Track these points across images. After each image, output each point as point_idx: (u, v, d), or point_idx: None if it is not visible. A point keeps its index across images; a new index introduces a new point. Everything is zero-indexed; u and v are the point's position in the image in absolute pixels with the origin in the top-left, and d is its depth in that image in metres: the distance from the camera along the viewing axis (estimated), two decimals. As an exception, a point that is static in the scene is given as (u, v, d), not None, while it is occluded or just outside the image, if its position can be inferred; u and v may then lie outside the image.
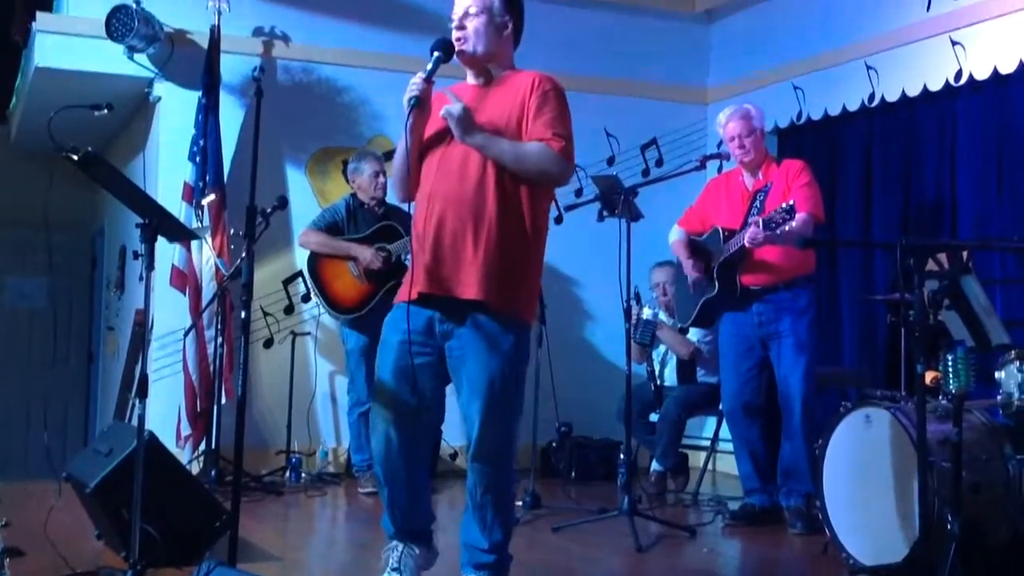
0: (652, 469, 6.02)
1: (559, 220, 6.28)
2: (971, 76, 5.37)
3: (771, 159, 5.24)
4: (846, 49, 6.17)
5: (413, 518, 3.44)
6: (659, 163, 7.15)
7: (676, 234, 5.41)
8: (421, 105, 3.26)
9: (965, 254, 4.29)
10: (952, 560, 3.34)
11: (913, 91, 5.72)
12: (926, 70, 5.63)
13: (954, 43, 5.44)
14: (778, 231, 4.62)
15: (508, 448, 3.35)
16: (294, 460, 6.10)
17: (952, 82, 5.48)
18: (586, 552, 4.51)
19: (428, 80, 3.27)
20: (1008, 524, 3.78)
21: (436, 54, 3.32)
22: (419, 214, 3.33)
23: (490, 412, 3.24)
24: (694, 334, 6.04)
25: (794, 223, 4.60)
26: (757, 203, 5.08)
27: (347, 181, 6.19)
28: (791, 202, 4.62)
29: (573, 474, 6.20)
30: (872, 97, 5.98)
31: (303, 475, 6.09)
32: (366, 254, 5.79)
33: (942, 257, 4.59)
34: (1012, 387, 3.84)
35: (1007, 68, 5.18)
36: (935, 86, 5.59)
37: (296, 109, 6.51)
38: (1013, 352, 3.85)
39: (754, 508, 5.15)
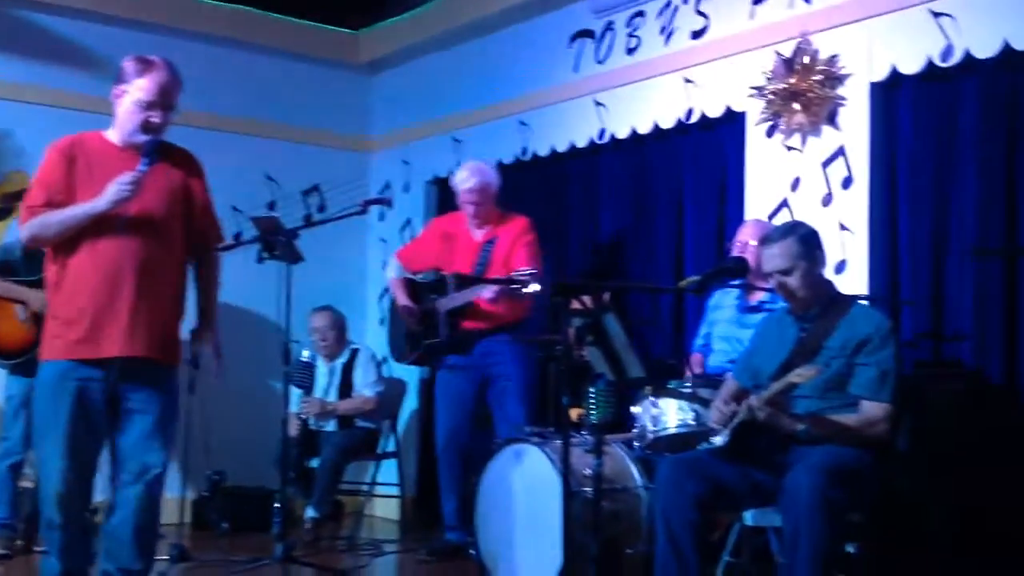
0: (307, 516, 5.89)
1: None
2: (612, 136, 5.75)
3: (497, 212, 5.44)
4: (502, 105, 6.42)
5: (84, 558, 3.45)
6: (321, 208, 7.10)
7: (396, 270, 5.59)
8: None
9: (608, 295, 4.54)
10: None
11: (562, 147, 6.04)
12: (573, 128, 5.95)
13: (598, 104, 5.82)
14: (519, 292, 4.73)
15: None
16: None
17: (596, 140, 5.84)
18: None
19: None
20: (640, 546, 4.03)
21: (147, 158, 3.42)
22: (96, 276, 3.36)
23: (169, 442, 3.51)
24: (365, 382, 6.03)
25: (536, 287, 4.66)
26: (484, 253, 5.30)
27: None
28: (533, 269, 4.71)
29: (225, 525, 5.93)
30: (525, 151, 6.25)
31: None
32: (39, 302, 5.32)
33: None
34: (646, 420, 4.08)
35: (644, 129, 5.58)
36: (581, 143, 5.93)
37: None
38: (648, 388, 4.11)
39: (451, 544, 5.25)
